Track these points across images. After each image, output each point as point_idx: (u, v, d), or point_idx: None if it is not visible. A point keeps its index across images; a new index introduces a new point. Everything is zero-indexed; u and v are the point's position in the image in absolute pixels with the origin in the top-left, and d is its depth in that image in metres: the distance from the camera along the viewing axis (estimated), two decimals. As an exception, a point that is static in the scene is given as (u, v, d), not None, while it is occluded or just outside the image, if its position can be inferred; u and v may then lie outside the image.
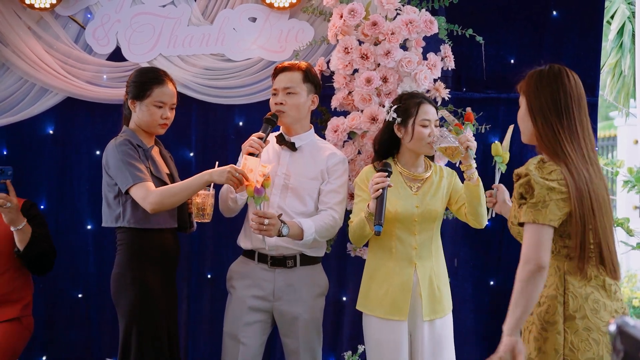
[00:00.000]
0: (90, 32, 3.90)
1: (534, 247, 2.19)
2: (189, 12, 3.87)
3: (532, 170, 2.22)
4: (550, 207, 2.18)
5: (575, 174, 2.22)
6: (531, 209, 2.19)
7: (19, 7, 3.90)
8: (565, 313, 2.24)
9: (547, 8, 3.88)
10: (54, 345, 4.01)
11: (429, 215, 2.93)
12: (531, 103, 2.34)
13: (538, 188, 2.19)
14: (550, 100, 2.30)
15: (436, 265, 2.97)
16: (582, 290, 2.24)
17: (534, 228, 2.19)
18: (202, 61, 3.86)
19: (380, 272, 2.94)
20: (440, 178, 3.01)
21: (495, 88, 3.89)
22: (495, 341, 3.93)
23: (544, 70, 2.37)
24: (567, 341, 2.22)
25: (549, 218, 2.18)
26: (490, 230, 3.91)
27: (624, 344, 1.04)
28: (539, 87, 2.33)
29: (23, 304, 3.36)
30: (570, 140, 2.27)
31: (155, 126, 3.06)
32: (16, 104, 3.96)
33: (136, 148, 2.97)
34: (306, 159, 3.10)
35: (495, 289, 3.96)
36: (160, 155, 3.15)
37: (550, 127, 2.29)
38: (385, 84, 3.37)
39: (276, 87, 3.12)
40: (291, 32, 3.81)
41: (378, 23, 3.34)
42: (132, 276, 2.93)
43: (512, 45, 3.90)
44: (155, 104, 3.03)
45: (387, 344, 2.91)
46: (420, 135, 2.91)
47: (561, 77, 2.33)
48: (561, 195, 2.19)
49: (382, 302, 2.91)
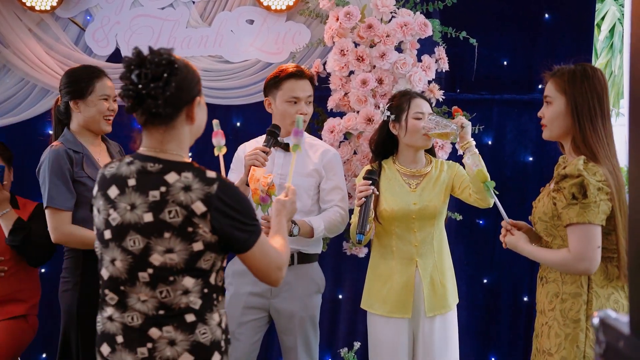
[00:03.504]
0: (90, 33, 3.93)
1: (590, 247, 2.21)
2: (187, 14, 3.90)
3: (583, 170, 2.22)
4: (601, 207, 2.21)
5: (614, 177, 2.25)
6: (584, 209, 2.20)
7: (19, 9, 3.93)
8: (588, 312, 2.26)
9: (540, 11, 3.93)
10: (54, 343, 4.03)
11: (427, 211, 2.91)
12: (576, 103, 2.31)
13: (592, 188, 2.20)
14: (597, 103, 2.30)
15: (439, 261, 2.96)
16: (604, 291, 2.28)
17: (587, 228, 2.21)
18: (201, 63, 3.90)
19: (383, 270, 2.94)
20: (440, 172, 2.99)
21: (488, 89, 3.93)
22: (489, 339, 4.01)
23: (585, 69, 2.35)
24: (589, 339, 2.25)
25: (601, 218, 2.21)
26: (484, 229, 3.96)
27: (606, 335, 1.08)
28: (587, 87, 2.31)
29: (30, 304, 3.42)
30: (610, 144, 2.30)
31: (101, 121, 2.98)
32: (17, 105, 3.99)
33: (71, 159, 2.88)
34: (300, 157, 3.13)
35: (488, 287, 4.00)
36: (107, 154, 3.08)
37: (596, 131, 2.29)
38: (380, 86, 3.41)
39: (299, 95, 3.06)
40: (288, 34, 3.84)
41: (373, 26, 3.38)
42: (75, 282, 2.89)
43: (505, 47, 3.94)
44: (100, 98, 2.97)
45: (389, 342, 2.92)
46: (414, 128, 2.90)
47: (603, 79, 2.34)
48: (607, 196, 2.22)
49: (385, 300, 2.92)
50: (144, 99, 1.81)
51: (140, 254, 1.82)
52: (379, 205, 2.91)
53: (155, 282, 1.82)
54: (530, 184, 3.80)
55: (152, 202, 1.82)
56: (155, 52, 1.86)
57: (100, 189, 1.93)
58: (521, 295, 3.95)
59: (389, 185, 2.93)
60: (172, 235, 1.80)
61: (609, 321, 1.08)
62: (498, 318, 4.01)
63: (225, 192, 1.84)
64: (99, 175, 1.98)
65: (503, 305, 3.99)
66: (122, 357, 1.85)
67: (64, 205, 2.85)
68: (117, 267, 1.86)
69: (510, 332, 3.99)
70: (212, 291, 1.89)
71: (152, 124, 1.89)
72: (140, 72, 1.81)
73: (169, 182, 1.83)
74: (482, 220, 3.99)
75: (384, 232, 2.93)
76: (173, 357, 1.81)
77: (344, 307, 3.99)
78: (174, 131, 1.90)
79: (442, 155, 3.43)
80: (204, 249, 1.83)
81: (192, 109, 1.92)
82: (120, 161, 1.94)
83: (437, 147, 3.38)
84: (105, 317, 1.90)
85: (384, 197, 2.91)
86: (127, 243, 1.84)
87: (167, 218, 1.80)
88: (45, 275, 3.96)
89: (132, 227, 1.83)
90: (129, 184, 1.86)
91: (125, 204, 1.85)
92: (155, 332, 1.82)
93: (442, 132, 2.79)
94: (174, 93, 1.82)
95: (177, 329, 1.83)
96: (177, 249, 1.81)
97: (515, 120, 3.94)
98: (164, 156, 1.88)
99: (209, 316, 1.87)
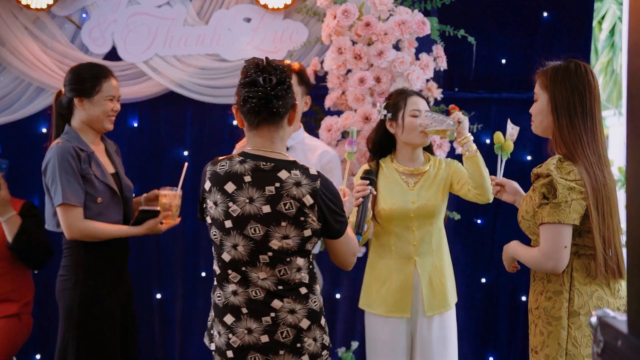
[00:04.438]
0: (87, 32, 3.93)
1: (557, 247, 2.22)
2: (184, 12, 3.90)
3: (553, 170, 2.22)
4: (573, 206, 2.20)
5: (592, 175, 2.23)
6: (555, 209, 2.21)
7: (15, 7, 3.92)
8: (570, 309, 2.26)
9: (538, 9, 3.92)
10: (49, 345, 4.03)
11: (426, 210, 2.90)
12: (556, 101, 2.31)
13: (560, 188, 2.20)
14: (577, 101, 2.28)
15: (438, 260, 2.94)
16: (587, 288, 2.27)
17: (557, 228, 2.22)
18: (198, 61, 3.89)
19: (381, 270, 2.92)
20: (438, 170, 2.98)
21: (487, 88, 3.93)
22: (487, 339, 4.00)
23: (569, 66, 2.33)
24: (571, 336, 2.25)
25: (572, 217, 2.21)
26: (482, 228, 3.96)
27: (604, 334, 1.08)
28: (568, 85, 2.29)
29: (23, 302, 3.40)
30: (590, 142, 2.27)
31: (105, 121, 3.00)
32: (13, 103, 3.99)
33: (78, 156, 2.89)
34: (299, 157, 3.12)
35: (486, 286, 3.99)
36: (105, 153, 3.09)
37: (574, 129, 2.27)
38: (378, 84, 3.41)
39: None
40: (285, 32, 3.84)
41: (371, 24, 3.38)
42: (75, 280, 2.87)
43: (503, 45, 3.94)
44: (106, 98, 2.98)
45: (388, 342, 2.91)
46: (411, 126, 2.88)
47: (587, 76, 2.30)
48: (580, 195, 2.21)
49: (384, 300, 2.91)
50: (270, 100, 2.13)
51: (261, 239, 2.15)
52: (377, 204, 2.90)
53: (275, 262, 2.16)
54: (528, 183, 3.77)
55: (269, 196, 2.14)
56: (272, 61, 2.18)
57: (215, 185, 2.20)
58: (519, 294, 3.94)
59: (387, 184, 2.92)
60: (287, 224, 2.14)
61: (607, 320, 1.08)
62: (496, 318, 4.00)
63: (326, 187, 2.19)
64: (208, 172, 2.24)
65: (501, 305, 3.99)
66: (247, 325, 2.19)
67: (78, 202, 2.84)
68: (239, 251, 2.18)
69: (508, 332, 3.98)
70: (312, 267, 2.29)
71: (266, 123, 2.18)
72: (266, 77, 2.13)
73: (282, 178, 2.15)
74: (480, 220, 3.98)
75: (382, 231, 2.92)
76: (295, 323, 2.18)
77: (341, 306, 3.98)
78: (281, 131, 2.22)
79: (441, 154, 3.42)
80: (312, 234, 2.18)
81: (293, 113, 2.24)
82: (230, 160, 2.21)
83: (435, 145, 3.37)
84: (229, 292, 2.21)
85: (382, 196, 2.90)
86: (248, 231, 2.15)
87: (283, 209, 2.13)
88: (39, 275, 3.94)
89: (253, 217, 2.15)
90: (245, 180, 2.17)
91: (244, 198, 2.16)
92: (277, 304, 2.18)
93: (440, 129, 2.78)
94: (290, 96, 2.18)
95: (295, 300, 2.19)
96: (292, 235, 2.15)
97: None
98: (271, 155, 2.19)
99: (315, 287, 2.27)
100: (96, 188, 2.89)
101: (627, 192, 1.10)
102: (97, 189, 2.89)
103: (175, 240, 4.05)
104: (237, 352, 2.19)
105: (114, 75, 3.07)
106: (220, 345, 2.23)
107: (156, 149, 4.06)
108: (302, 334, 2.19)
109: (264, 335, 2.17)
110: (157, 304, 4.08)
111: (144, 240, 3.89)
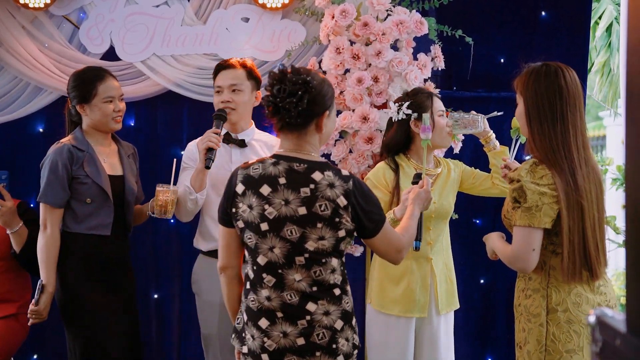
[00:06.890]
0: (84, 31, 3.92)
1: (526, 249, 2.26)
2: (182, 12, 3.89)
3: (524, 175, 2.25)
4: (544, 210, 2.23)
5: (565, 181, 2.25)
6: (525, 213, 2.24)
7: (13, 6, 3.91)
8: (548, 306, 2.30)
9: (537, 9, 3.93)
10: (45, 345, 4.03)
11: (444, 210, 2.94)
12: (528, 106, 2.33)
13: (530, 193, 2.23)
14: (547, 106, 2.28)
15: (448, 259, 2.99)
16: (565, 285, 2.30)
17: (527, 231, 2.26)
18: (196, 61, 3.89)
19: (395, 269, 2.87)
20: (449, 171, 3.00)
21: (485, 87, 3.93)
22: (486, 339, 4.00)
23: (541, 70, 2.33)
24: (549, 333, 2.29)
25: (544, 221, 2.24)
26: (481, 228, 3.95)
27: (602, 334, 1.07)
28: (537, 90, 2.30)
29: (21, 302, 3.39)
30: (562, 146, 2.27)
31: (109, 122, 3.03)
32: (10, 103, 3.98)
33: (72, 156, 2.94)
34: (258, 153, 3.12)
35: (485, 287, 3.99)
36: (117, 155, 3.11)
37: (544, 135, 2.29)
38: (376, 84, 3.40)
39: (220, 84, 3.13)
40: (283, 32, 3.84)
41: (369, 24, 3.38)
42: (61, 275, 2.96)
43: (502, 45, 3.94)
44: (104, 101, 3.00)
45: (398, 342, 2.89)
46: (440, 126, 2.92)
47: (558, 80, 2.29)
48: (552, 199, 2.24)
49: (401, 299, 2.88)
50: (279, 110, 2.16)
51: (297, 241, 2.17)
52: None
53: (310, 264, 2.19)
54: (526, 182, 3.79)
55: (304, 198, 2.17)
56: (296, 71, 2.18)
57: (250, 188, 2.22)
58: (518, 294, 3.94)
59: (409, 184, 2.89)
60: (323, 225, 2.17)
61: (605, 319, 1.07)
62: (495, 318, 4.00)
63: (359, 188, 2.21)
64: (240, 175, 2.25)
65: (500, 306, 3.98)
66: (282, 328, 2.20)
67: (54, 203, 2.94)
68: (275, 253, 2.19)
69: (507, 333, 3.97)
70: (345, 268, 2.31)
71: (287, 129, 2.22)
72: (280, 87, 2.15)
73: (316, 180, 2.18)
74: (479, 220, 3.98)
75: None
76: (330, 325, 2.20)
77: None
78: (306, 137, 2.24)
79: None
80: (345, 235, 2.20)
81: (321, 120, 2.24)
82: (263, 162, 2.24)
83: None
84: (263, 297, 2.22)
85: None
86: (284, 233, 2.17)
87: (318, 211, 2.16)
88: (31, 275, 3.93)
89: (289, 219, 2.17)
90: (280, 182, 2.19)
91: (280, 200, 2.18)
92: (312, 306, 2.20)
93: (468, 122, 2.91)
94: (306, 107, 2.15)
95: (330, 302, 2.21)
96: (327, 236, 2.18)
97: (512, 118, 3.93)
98: (304, 156, 2.22)
99: (347, 289, 2.29)
100: (87, 188, 2.94)
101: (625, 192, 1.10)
102: (87, 190, 2.94)
103: (171, 239, 4.05)
104: (272, 355, 2.21)
105: (113, 75, 3.08)
106: (254, 349, 2.24)
107: (153, 148, 4.05)
108: (337, 335, 2.22)
109: (299, 337, 2.19)
110: (154, 304, 4.07)
111: (142, 240, 3.89)
